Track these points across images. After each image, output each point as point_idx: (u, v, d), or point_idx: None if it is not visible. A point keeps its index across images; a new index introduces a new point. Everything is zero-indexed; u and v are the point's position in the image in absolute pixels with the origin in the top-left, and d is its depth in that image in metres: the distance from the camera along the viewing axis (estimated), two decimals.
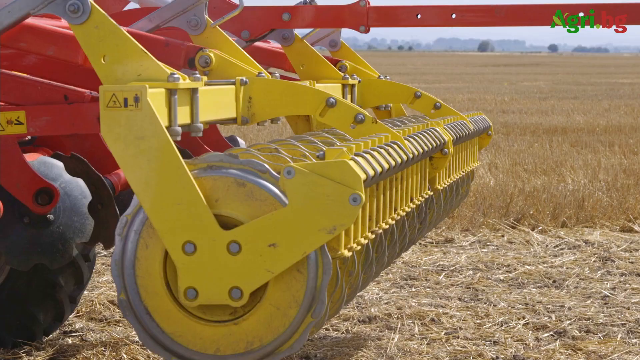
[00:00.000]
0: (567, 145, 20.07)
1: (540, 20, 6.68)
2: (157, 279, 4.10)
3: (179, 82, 4.15)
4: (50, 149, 5.87)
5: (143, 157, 3.99)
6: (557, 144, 20.18)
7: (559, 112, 30.54)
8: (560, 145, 19.97)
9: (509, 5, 6.76)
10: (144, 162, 4.00)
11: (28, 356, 6.89)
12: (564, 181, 15.01)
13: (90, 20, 4.13)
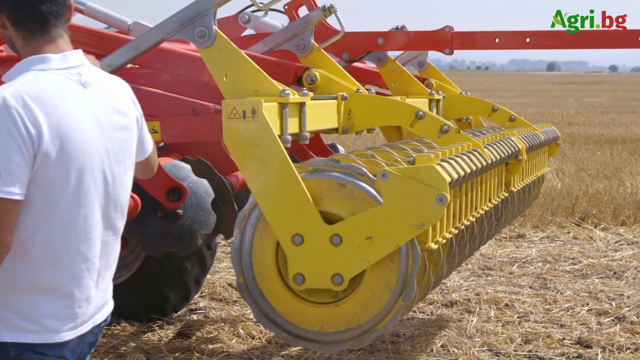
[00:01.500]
0: (626, 154, 19.69)
1: (602, 43, 6.57)
2: (270, 265, 4.12)
3: (289, 97, 4.17)
4: (180, 153, 5.93)
5: (259, 161, 4.02)
6: (617, 153, 19.81)
7: (619, 124, 29.97)
8: (620, 154, 19.60)
9: None
10: (259, 166, 4.02)
11: (160, 329, 6.98)
12: (624, 185, 14.74)
13: (215, 44, 4.17)
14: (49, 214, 2.96)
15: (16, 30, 3.03)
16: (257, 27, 7.24)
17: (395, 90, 6.63)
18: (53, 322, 3.01)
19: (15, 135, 2.82)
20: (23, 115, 2.83)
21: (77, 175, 2.98)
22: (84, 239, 3.06)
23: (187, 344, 6.64)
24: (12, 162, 2.81)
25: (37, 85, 2.93)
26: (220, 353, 6.40)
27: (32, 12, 3.00)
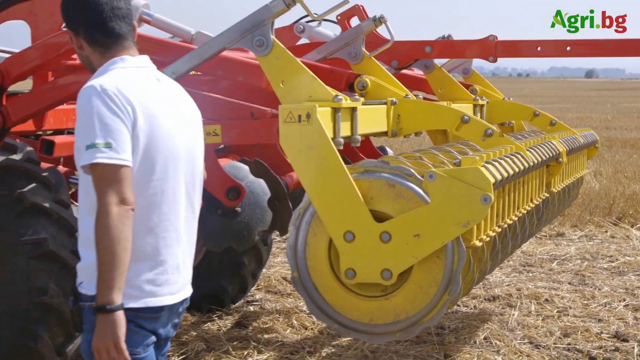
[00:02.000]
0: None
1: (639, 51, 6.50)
2: (323, 261, 4.11)
3: (342, 102, 4.16)
4: (238, 155, 5.95)
5: (313, 162, 4.01)
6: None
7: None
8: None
9: (615, 40, 6.59)
10: (313, 167, 4.02)
11: (219, 320, 7.02)
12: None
13: (272, 52, 4.18)
14: (144, 184, 3.15)
15: (93, 48, 3.27)
16: (311, 37, 7.25)
17: (442, 96, 6.60)
18: (152, 287, 3.20)
19: (117, 111, 3.06)
20: (119, 95, 3.09)
21: (164, 152, 3.20)
22: (173, 210, 3.26)
23: (244, 333, 6.67)
24: (119, 134, 3.04)
25: (122, 77, 3.19)
26: (275, 342, 6.41)
27: (105, 30, 3.25)
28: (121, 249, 3.00)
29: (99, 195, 3.02)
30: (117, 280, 3.00)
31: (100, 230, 2.99)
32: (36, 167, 4.94)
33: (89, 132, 3.04)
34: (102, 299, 3.00)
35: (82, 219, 3.23)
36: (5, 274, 4.82)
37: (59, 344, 4.91)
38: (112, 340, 3.01)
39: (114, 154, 3.03)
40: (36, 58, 4.81)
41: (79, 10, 3.26)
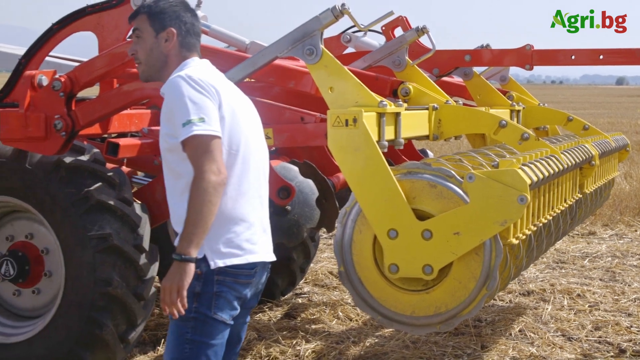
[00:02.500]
0: None
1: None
2: (368, 256, 4.11)
3: (386, 108, 4.16)
4: (288, 157, 5.96)
5: (359, 164, 4.02)
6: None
7: None
8: None
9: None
10: (359, 168, 4.02)
11: (270, 311, 7.04)
12: None
13: (321, 60, 4.19)
14: (234, 155, 3.41)
15: (180, 47, 3.55)
16: (357, 46, 7.26)
17: (480, 101, 6.57)
18: (250, 245, 3.45)
19: (204, 92, 3.33)
20: (204, 79, 3.37)
21: (244, 130, 3.48)
22: (257, 178, 3.54)
23: (293, 324, 6.68)
24: (209, 110, 3.31)
25: (201, 70, 3.48)
26: (322, 333, 6.42)
27: (196, 36, 3.62)
28: (208, 212, 3.23)
29: (197, 165, 3.25)
30: (197, 237, 3.24)
31: (195, 193, 3.22)
32: (102, 168, 4.99)
33: (182, 112, 3.28)
34: (181, 249, 3.24)
35: (175, 200, 3.44)
36: (73, 267, 4.88)
37: (122, 332, 4.96)
38: (177, 284, 3.23)
39: (207, 127, 3.28)
40: (103, 66, 4.86)
41: (183, 19, 3.56)
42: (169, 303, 3.25)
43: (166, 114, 3.37)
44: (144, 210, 5.06)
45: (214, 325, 3.39)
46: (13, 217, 5.27)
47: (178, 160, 3.37)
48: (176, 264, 3.25)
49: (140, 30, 3.55)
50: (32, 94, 4.81)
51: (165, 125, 3.38)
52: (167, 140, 3.39)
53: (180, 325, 3.36)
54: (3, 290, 5.33)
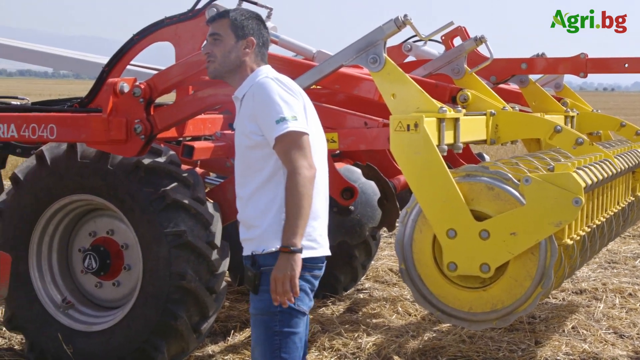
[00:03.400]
0: None
1: None
2: (427, 254, 4.10)
3: (446, 113, 4.14)
4: (352, 160, 5.97)
5: (419, 166, 4.01)
6: None
7: None
8: None
9: None
10: (420, 170, 4.01)
11: (333, 305, 7.05)
12: None
13: (384, 68, 4.19)
14: (312, 155, 3.42)
15: (256, 56, 3.62)
16: (417, 55, 7.24)
17: (535, 108, 6.49)
18: (323, 240, 3.54)
19: (292, 93, 3.43)
20: (287, 81, 3.49)
21: (315, 132, 3.52)
22: (325, 178, 3.59)
23: (354, 318, 6.68)
24: (299, 109, 3.40)
25: (279, 74, 3.57)
26: (382, 327, 6.40)
27: (267, 48, 3.71)
28: (306, 204, 3.32)
29: (291, 160, 3.33)
30: (301, 229, 3.32)
31: (293, 187, 3.31)
32: (177, 169, 5.05)
33: (276, 110, 3.36)
34: (288, 241, 3.31)
35: (253, 196, 3.49)
36: (150, 261, 4.94)
37: (195, 323, 5.00)
38: (289, 274, 3.31)
39: (299, 124, 3.36)
40: (179, 74, 4.92)
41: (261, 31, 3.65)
42: (281, 293, 3.31)
43: (253, 111, 3.42)
44: (216, 209, 5.10)
45: (297, 316, 3.47)
46: (96, 214, 5.36)
47: (260, 157, 3.43)
48: (284, 256, 3.31)
49: (219, 35, 3.60)
50: (114, 100, 4.89)
51: (251, 124, 3.43)
52: (251, 138, 3.44)
53: (267, 319, 3.43)
54: (86, 282, 5.42)
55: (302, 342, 3.54)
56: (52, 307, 5.32)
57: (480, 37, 5.78)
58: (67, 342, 5.16)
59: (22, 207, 5.28)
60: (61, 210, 5.30)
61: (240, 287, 7.31)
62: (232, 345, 5.95)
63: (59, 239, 5.40)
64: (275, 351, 3.45)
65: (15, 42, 7.59)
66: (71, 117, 5.06)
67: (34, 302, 5.31)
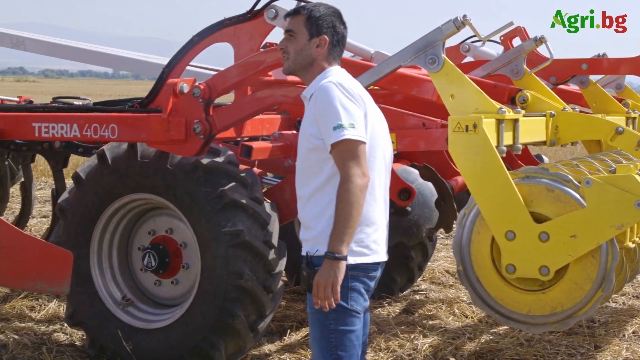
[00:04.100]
0: None
1: None
2: (485, 256, 4.07)
3: (505, 114, 4.11)
4: (409, 160, 5.94)
5: (478, 168, 3.98)
6: None
7: None
8: None
9: None
10: (479, 172, 3.98)
11: (389, 306, 7.03)
12: None
13: (443, 69, 4.17)
14: (371, 161, 3.46)
15: (328, 54, 3.60)
16: (475, 55, 7.19)
17: (596, 109, 6.40)
18: (376, 246, 3.52)
19: (353, 100, 3.40)
20: (352, 88, 3.46)
21: (379, 138, 3.52)
22: (385, 184, 3.59)
23: (410, 319, 6.65)
24: (358, 117, 3.39)
25: (344, 78, 3.55)
26: (439, 328, 6.37)
27: (342, 47, 3.67)
28: (356, 213, 3.33)
29: (344, 167, 3.33)
30: (347, 237, 3.33)
31: (344, 195, 3.32)
32: (235, 169, 5.08)
33: (334, 116, 3.36)
34: (333, 248, 3.33)
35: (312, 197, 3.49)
36: (208, 260, 4.98)
37: (252, 322, 5.03)
38: (332, 280, 3.33)
39: (356, 132, 3.35)
40: (238, 75, 4.95)
41: (337, 29, 3.62)
42: (322, 297, 3.35)
43: (314, 116, 3.44)
44: (273, 209, 5.12)
45: (351, 315, 3.49)
46: (155, 213, 5.42)
47: (319, 160, 3.44)
48: (329, 262, 3.34)
49: (294, 32, 3.61)
50: (174, 100, 4.93)
51: (312, 127, 3.45)
52: (311, 140, 3.45)
53: (322, 319, 3.46)
54: (145, 280, 5.49)
55: (360, 340, 3.56)
56: (112, 304, 5.40)
57: (540, 38, 5.72)
58: (127, 339, 5.23)
59: (84, 205, 5.36)
60: (121, 209, 5.37)
61: (296, 287, 7.33)
62: (288, 345, 5.97)
63: (120, 237, 5.48)
64: (332, 349, 3.49)
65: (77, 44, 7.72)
66: (132, 117, 5.13)
67: (94, 299, 5.40)
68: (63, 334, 6.01)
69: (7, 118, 5.56)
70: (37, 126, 5.36)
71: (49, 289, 5.15)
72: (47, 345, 5.68)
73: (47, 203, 11.67)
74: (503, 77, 5.85)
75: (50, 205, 9.20)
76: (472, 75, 5.70)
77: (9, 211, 9.96)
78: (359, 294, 3.50)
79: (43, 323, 6.28)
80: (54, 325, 6.21)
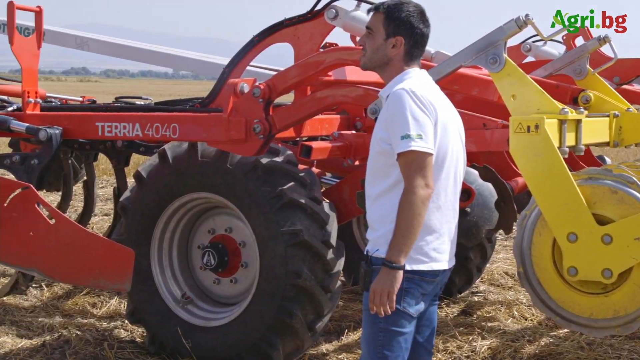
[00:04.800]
0: None
1: None
2: (546, 258, 4.02)
3: (568, 115, 4.05)
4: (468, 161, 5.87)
5: (540, 169, 3.93)
6: None
7: None
8: None
9: None
10: (540, 173, 3.93)
11: (447, 307, 6.98)
12: None
13: (504, 69, 4.12)
14: (437, 170, 3.44)
15: (405, 55, 3.55)
16: (536, 55, 7.11)
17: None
18: (436, 254, 3.50)
19: (424, 109, 3.37)
20: (425, 97, 3.40)
21: (447, 145, 3.48)
22: (452, 192, 3.56)
23: (469, 320, 6.60)
24: (427, 127, 3.36)
25: (421, 84, 3.50)
26: (497, 330, 6.31)
27: (422, 47, 3.60)
28: (417, 224, 3.33)
29: (409, 178, 3.33)
30: (406, 247, 3.34)
31: (406, 206, 3.31)
32: (294, 168, 5.10)
33: (403, 126, 3.34)
34: (391, 257, 3.34)
35: (378, 199, 3.49)
36: (266, 259, 5.01)
37: (310, 321, 5.05)
38: (387, 288, 3.35)
39: (423, 144, 3.33)
40: (298, 75, 4.96)
41: (416, 29, 3.54)
42: (377, 304, 3.37)
43: (385, 121, 3.43)
44: (332, 209, 5.13)
45: (403, 316, 3.48)
46: (215, 212, 5.47)
47: (387, 164, 3.43)
48: (386, 271, 3.35)
49: (372, 29, 3.58)
50: (235, 100, 4.96)
51: (382, 130, 3.44)
52: (380, 144, 3.45)
53: (373, 316, 3.45)
54: (205, 278, 5.54)
55: (408, 343, 3.55)
56: (172, 301, 5.47)
57: (604, 37, 5.63)
58: (186, 337, 5.29)
59: (145, 204, 5.43)
60: (182, 208, 5.43)
61: (354, 287, 7.33)
62: (345, 345, 5.97)
63: (180, 235, 5.54)
64: (379, 347, 3.50)
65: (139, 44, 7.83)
66: (193, 117, 5.18)
67: (155, 297, 5.47)
68: (124, 330, 6.10)
69: (71, 117, 5.66)
70: (100, 125, 5.46)
71: (111, 286, 5.22)
72: (108, 342, 5.77)
73: (109, 201, 11.84)
74: (565, 77, 5.77)
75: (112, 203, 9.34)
76: (534, 75, 5.64)
77: (71, 209, 10.13)
78: (412, 298, 3.49)
79: (104, 319, 6.38)
80: (115, 321, 6.31)
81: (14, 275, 6.57)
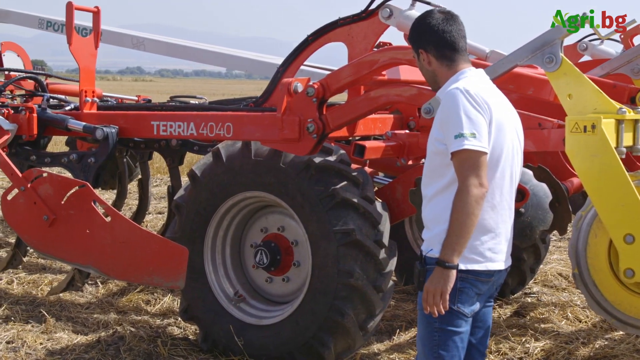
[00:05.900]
0: None
1: None
2: (602, 260, 3.98)
3: (625, 115, 3.99)
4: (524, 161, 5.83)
5: (596, 169, 3.88)
6: None
7: None
8: None
9: None
10: (597, 173, 3.88)
11: (499, 308, 6.92)
12: None
13: (561, 68, 4.08)
14: (492, 169, 3.41)
15: (440, 62, 3.56)
16: (593, 54, 7.01)
17: None
18: (491, 254, 3.47)
19: (478, 108, 3.35)
20: (479, 95, 3.38)
21: (502, 144, 3.45)
22: (508, 192, 3.52)
23: (522, 322, 6.53)
24: (481, 126, 3.34)
25: (476, 83, 3.48)
26: (551, 332, 6.24)
27: (452, 45, 3.54)
28: (470, 223, 3.31)
29: (463, 177, 3.32)
30: (460, 246, 3.33)
31: (459, 205, 3.30)
32: (347, 168, 5.10)
33: (457, 124, 3.33)
34: (445, 256, 3.34)
35: (433, 198, 3.49)
36: (319, 258, 5.01)
37: (362, 320, 5.04)
38: (440, 288, 3.35)
39: (477, 142, 3.31)
40: (352, 74, 4.96)
41: (430, 33, 3.55)
42: (431, 304, 3.37)
43: (440, 121, 3.43)
44: (384, 208, 5.12)
45: (458, 316, 3.48)
46: (267, 210, 5.49)
47: (442, 164, 3.43)
48: (439, 270, 3.35)
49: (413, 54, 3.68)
50: (288, 99, 4.98)
51: (437, 131, 3.45)
52: (436, 145, 3.46)
53: (429, 316, 3.46)
54: (257, 276, 5.57)
55: (464, 342, 3.54)
56: (225, 300, 5.50)
57: None
58: (238, 335, 5.32)
59: (199, 202, 5.48)
60: (235, 206, 5.47)
61: (406, 287, 7.31)
62: (397, 345, 5.95)
63: (233, 234, 5.58)
64: (434, 347, 3.50)
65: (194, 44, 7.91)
66: (247, 116, 5.21)
67: (207, 295, 5.51)
68: (177, 327, 6.16)
69: (127, 117, 5.74)
70: (155, 124, 5.52)
71: (165, 283, 5.28)
72: (161, 339, 5.83)
73: (163, 200, 11.97)
74: (623, 76, 5.69)
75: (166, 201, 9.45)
76: (590, 74, 5.57)
77: (126, 207, 10.27)
78: (467, 297, 3.47)
79: (158, 317, 6.45)
80: (168, 319, 6.37)
81: (70, 272, 6.68)
